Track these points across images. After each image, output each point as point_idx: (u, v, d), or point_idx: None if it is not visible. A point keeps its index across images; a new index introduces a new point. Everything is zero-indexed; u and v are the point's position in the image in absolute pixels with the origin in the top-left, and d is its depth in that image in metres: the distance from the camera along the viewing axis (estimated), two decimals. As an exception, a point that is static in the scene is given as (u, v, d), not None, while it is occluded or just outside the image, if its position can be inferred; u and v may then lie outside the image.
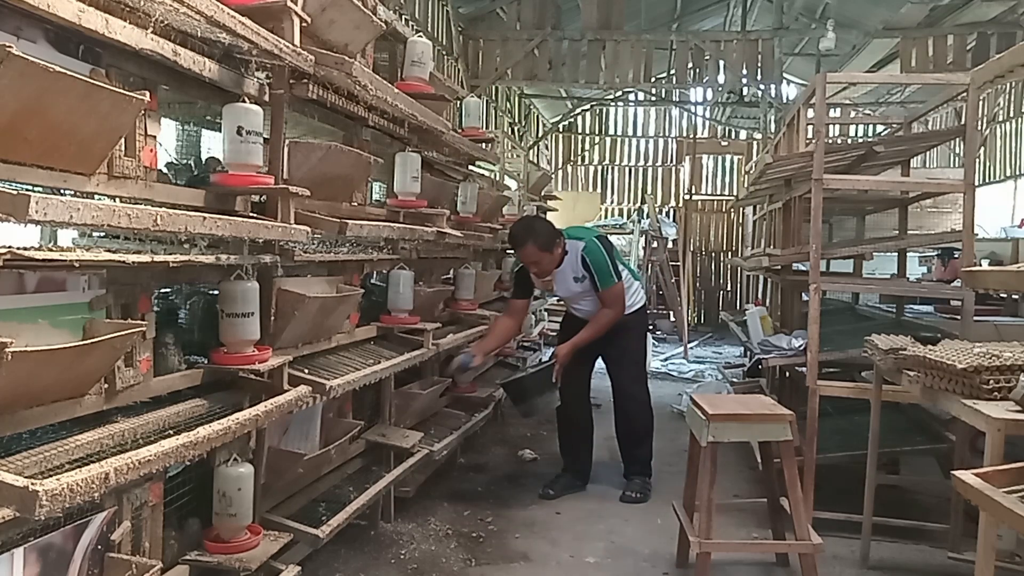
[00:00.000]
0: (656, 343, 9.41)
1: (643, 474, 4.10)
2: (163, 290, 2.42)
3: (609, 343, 4.01)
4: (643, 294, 4.27)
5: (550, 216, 8.42)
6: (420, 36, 3.41)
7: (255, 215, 2.30)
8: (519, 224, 3.98)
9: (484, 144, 4.43)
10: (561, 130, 14.30)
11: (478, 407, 4.39)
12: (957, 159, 9.42)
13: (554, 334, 8.89)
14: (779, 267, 4.55)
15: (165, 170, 2.27)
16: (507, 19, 9.50)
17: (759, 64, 8.95)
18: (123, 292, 1.86)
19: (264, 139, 2.22)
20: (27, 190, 1.46)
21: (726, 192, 14.00)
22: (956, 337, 3.09)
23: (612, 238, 4.57)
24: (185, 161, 2.65)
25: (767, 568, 3.14)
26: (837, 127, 10.64)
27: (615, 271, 3.86)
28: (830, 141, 4.56)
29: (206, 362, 2.21)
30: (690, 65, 9.15)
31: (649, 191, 14.18)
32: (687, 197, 11.58)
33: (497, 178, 5.94)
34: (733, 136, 14.18)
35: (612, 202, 14.45)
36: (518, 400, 3.87)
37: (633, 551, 3.29)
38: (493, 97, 10.13)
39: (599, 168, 14.75)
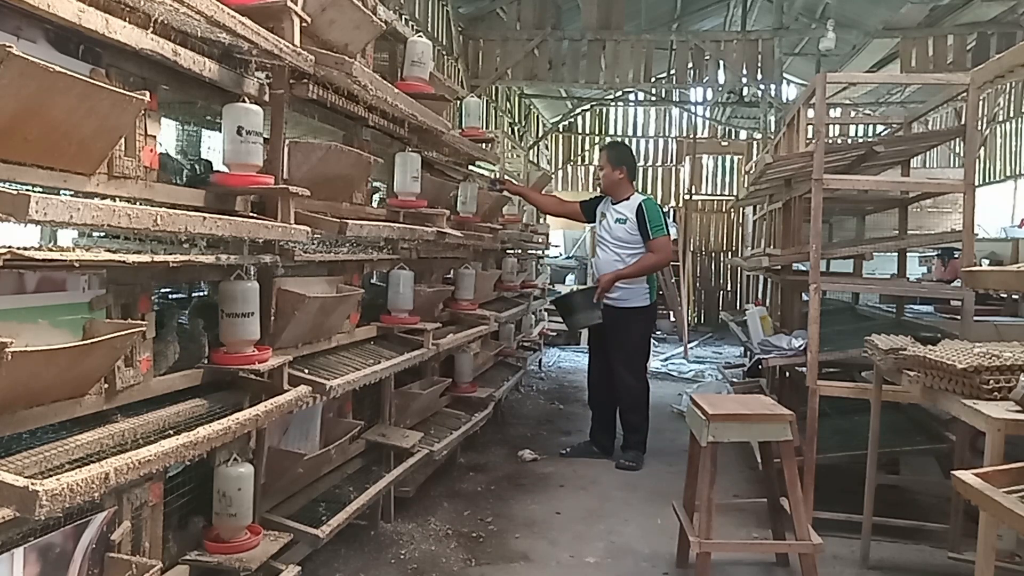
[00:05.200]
0: (656, 343, 9.42)
1: (636, 448, 4.58)
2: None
3: (613, 333, 4.63)
4: (648, 296, 4.69)
5: (550, 217, 8.47)
6: (420, 36, 3.41)
7: (255, 215, 2.30)
8: (611, 141, 5.23)
9: (484, 144, 4.43)
10: (561, 130, 14.30)
11: (478, 407, 4.39)
12: (957, 159, 9.42)
13: (554, 334, 8.98)
14: (779, 267, 4.55)
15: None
16: (507, 19, 9.50)
17: (759, 64, 8.95)
18: (123, 292, 1.86)
19: (264, 139, 2.22)
20: (27, 190, 1.45)
21: (726, 192, 14.00)
22: (956, 337, 3.09)
23: None
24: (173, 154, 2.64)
25: (767, 568, 3.14)
26: (837, 127, 10.64)
27: (666, 226, 4.64)
28: (830, 141, 4.55)
29: (206, 362, 2.22)
30: (690, 65, 9.15)
31: (649, 191, 14.18)
32: (687, 197, 11.58)
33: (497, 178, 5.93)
34: (733, 136, 14.17)
35: (612, 202, 14.42)
36: (565, 314, 4.73)
37: (633, 551, 3.29)
38: (493, 97, 10.13)
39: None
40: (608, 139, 14.47)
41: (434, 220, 3.49)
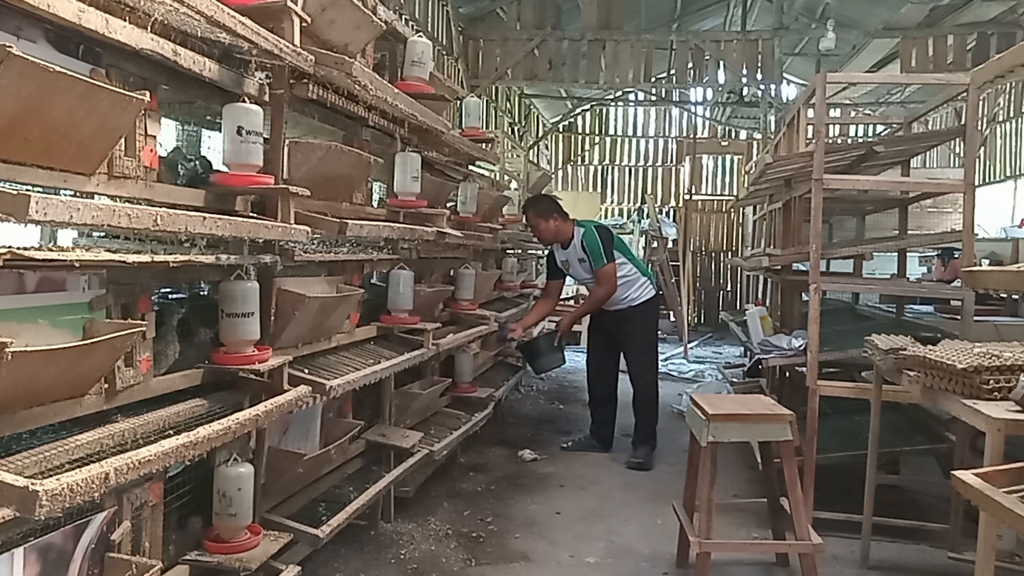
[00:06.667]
0: (656, 343, 9.41)
1: (648, 443, 4.62)
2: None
3: (621, 331, 4.75)
4: (651, 288, 4.79)
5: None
6: (420, 36, 3.41)
7: (255, 215, 2.30)
8: (528, 199, 5.13)
9: (484, 144, 4.43)
10: (561, 130, 14.30)
11: (478, 407, 4.38)
12: (957, 159, 9.41)
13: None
14: (779, 267, 4.54)
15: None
16: (507, 19, 9.50)
17: (759, 64, 8.95)
18: (123, 292, 1.86)
19: (264, 139, 2.22)
20: (27, 190, 1.45)
21: (726, 192, 14.00)
22: (956, 337, 3.09)
23: None
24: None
25: (767, 568, 3.14)
26: (837, 127, 10.64)
27: (606, 254, 4.60)
28: (830, 141, 4.55)
29: (206, 362, 2.21)
30: (690, 65, 9.15)
31: (649, 191, 14.18)
32: (687, 197, 11.58)
33: (497, 178, 5.94)
34: (733, 136, 14.18)
35: (612, 202, 14.46)
36: (530, 358, 4.86)
37: (633, 551, 3.29)
38: (493, 97, 10.13)
39: (599, 168, 14.76)
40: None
41: (434, 220, 3.49)
